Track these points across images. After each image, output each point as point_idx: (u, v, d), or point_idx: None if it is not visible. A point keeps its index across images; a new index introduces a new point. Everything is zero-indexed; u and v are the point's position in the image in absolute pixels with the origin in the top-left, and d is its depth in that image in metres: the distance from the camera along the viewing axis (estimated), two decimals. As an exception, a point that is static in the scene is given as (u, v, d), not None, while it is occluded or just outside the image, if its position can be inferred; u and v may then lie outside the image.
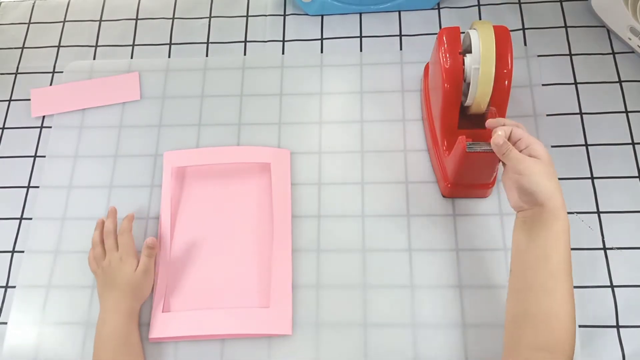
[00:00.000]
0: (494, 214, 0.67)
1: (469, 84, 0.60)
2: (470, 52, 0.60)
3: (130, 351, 0.60)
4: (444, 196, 0.68)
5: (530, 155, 0.53)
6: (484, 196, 0.67)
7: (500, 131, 0.54)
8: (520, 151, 0.53)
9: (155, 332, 0.63)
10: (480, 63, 0.58)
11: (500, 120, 0.56)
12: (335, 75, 0.77)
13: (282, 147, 0.72)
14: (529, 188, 0.52)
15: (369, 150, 0.71)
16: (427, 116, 0.69)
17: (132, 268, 0.63)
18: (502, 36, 0.59)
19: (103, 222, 0.67)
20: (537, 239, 0.52)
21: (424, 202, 0.68)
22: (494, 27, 0.59)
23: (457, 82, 0.60)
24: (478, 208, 0.67)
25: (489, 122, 0.57)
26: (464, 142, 0.56)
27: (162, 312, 0.63)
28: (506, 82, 0.60)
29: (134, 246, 0.65)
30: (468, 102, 0.61)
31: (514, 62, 0.60)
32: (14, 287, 0.68)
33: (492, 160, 0.59)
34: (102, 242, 0.66)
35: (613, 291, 0.62)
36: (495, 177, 0.65)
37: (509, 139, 0.54)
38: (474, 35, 0.59)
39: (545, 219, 0.52)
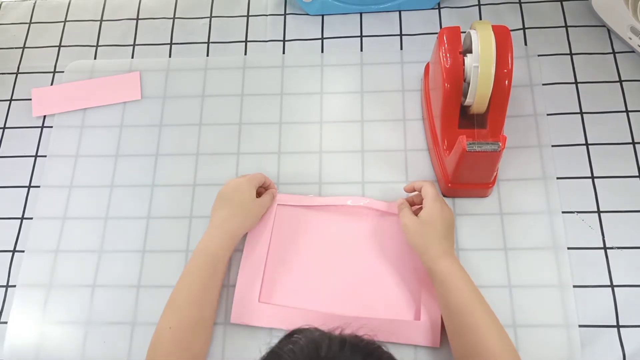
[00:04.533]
0: (494, 214, 0.67)
1: (469, 83, 0.60)
2: (470, 52, 0.60)
3: (215, 268, 0.61)
4: (444, 195, 0.68)
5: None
6: (484, 195, 0.67)
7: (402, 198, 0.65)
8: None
9: (256, 320, 0.62)
10: (479, 63, 0.58)
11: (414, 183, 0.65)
12: (335, 74, 0.77)
13: (284, 147, 0.72)
14: (409, 243, 0.62)
15: (369, 150, 0.71)
16: (427, 116, 0.69)
17: (252, 194, 0.64)
18: (502, 36, 0.59)
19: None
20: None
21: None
22: (494, 26, 0.59)
23: (457, 81, 0.60)
24: (478, 208, 0.67)
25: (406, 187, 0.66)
26: (464, 142, 0.56)
27: (260, 301, 0.63)
28: (506, 81, 0.60)
29: (263, 181, 0.67)
30: (468, 101, 0.61)
31: (514, 62, 0.60)
32: (14, 286, 0.68)
33: (492, 159, 0.59)
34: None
35: (613, 291, 0.62)
36: (495, 176, 0.65)
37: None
38: (474, 36, 0.59)
39: (429, 270, 0.59)
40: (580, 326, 0.61)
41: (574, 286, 0.62)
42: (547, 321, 0.61)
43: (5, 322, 0.66)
